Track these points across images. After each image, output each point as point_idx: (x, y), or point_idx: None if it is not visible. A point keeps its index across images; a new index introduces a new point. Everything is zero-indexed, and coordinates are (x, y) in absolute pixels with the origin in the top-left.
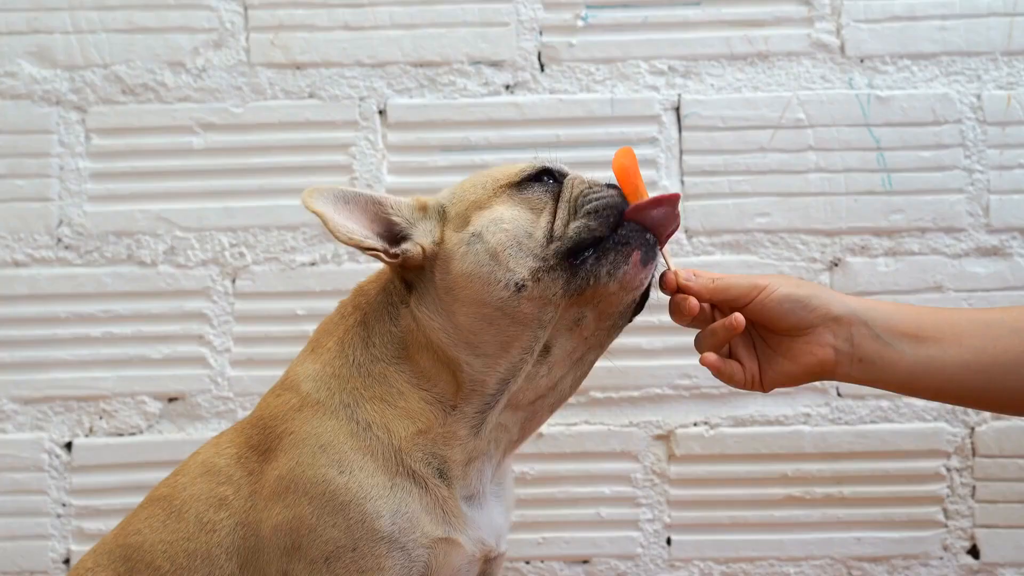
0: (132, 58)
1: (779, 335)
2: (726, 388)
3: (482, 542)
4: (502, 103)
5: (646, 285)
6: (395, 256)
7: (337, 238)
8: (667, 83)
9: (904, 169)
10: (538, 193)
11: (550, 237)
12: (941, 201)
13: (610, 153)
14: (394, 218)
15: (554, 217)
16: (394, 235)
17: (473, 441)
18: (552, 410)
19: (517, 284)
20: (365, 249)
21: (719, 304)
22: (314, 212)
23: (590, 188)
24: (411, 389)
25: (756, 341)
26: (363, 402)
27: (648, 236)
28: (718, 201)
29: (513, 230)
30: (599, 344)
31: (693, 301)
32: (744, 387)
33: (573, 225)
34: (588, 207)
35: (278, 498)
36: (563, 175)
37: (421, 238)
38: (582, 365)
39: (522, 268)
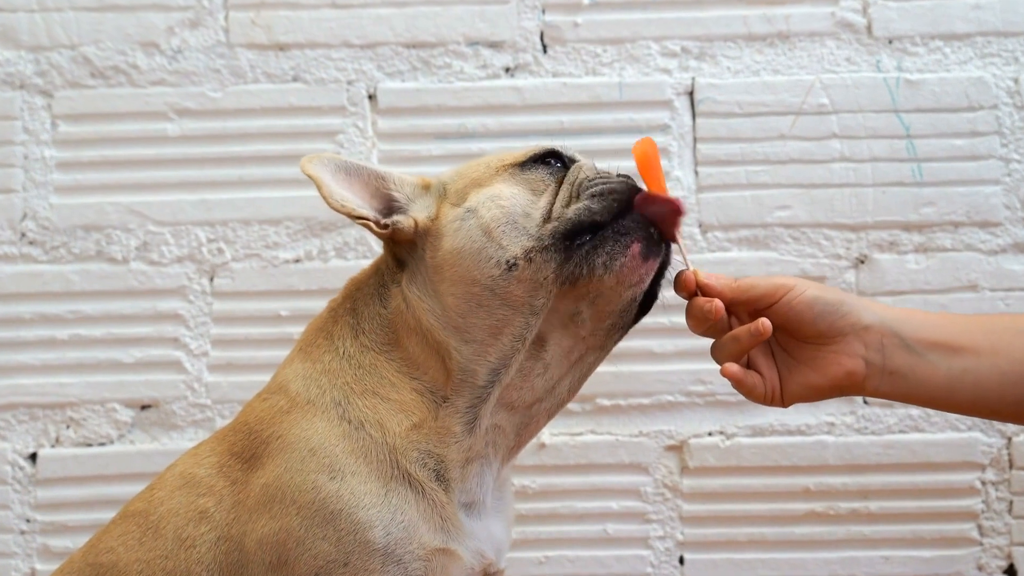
0: (102, 38)
1: (803, 342)
2: None
3: (481, 555)
4: (501, 87)
5: (647, 282)
6: (385, 227)
7: (329, 204)
8: (680, 66)
9: (936, 158)
10: (541, 174)
11: (547, 217)
12: (975, 193)
13: (618, 141)
14: (395, 194)
15: (555, 199)
16: (392, 212)
17: (469, 439)
18: (550, 415)
19: (508, 262)
20: (356, 218)
21: (740, 306)
22: (309, 176)
23: (598, 174)
24: (402, 379)
25: (775, 349)
26: (354, 397)
27: (652, 230)
28: (734, 193)
29: (510, 207)
30: (599, 345)
31: (719, 303)
32: (763, 401)
33: (574, 207)
34: (592, 190)
35: (264, 508)
36: (572, 160)
37: (416, 213)
38: (581, 367)
39: (514, 246)
